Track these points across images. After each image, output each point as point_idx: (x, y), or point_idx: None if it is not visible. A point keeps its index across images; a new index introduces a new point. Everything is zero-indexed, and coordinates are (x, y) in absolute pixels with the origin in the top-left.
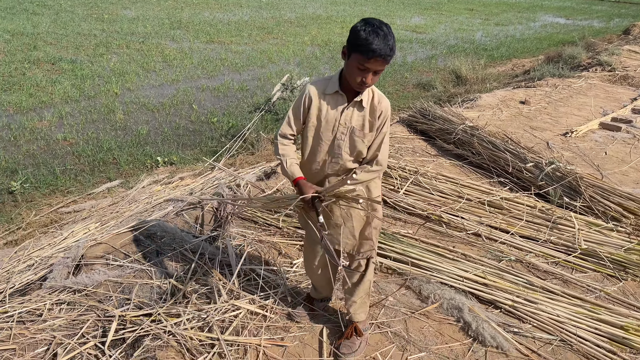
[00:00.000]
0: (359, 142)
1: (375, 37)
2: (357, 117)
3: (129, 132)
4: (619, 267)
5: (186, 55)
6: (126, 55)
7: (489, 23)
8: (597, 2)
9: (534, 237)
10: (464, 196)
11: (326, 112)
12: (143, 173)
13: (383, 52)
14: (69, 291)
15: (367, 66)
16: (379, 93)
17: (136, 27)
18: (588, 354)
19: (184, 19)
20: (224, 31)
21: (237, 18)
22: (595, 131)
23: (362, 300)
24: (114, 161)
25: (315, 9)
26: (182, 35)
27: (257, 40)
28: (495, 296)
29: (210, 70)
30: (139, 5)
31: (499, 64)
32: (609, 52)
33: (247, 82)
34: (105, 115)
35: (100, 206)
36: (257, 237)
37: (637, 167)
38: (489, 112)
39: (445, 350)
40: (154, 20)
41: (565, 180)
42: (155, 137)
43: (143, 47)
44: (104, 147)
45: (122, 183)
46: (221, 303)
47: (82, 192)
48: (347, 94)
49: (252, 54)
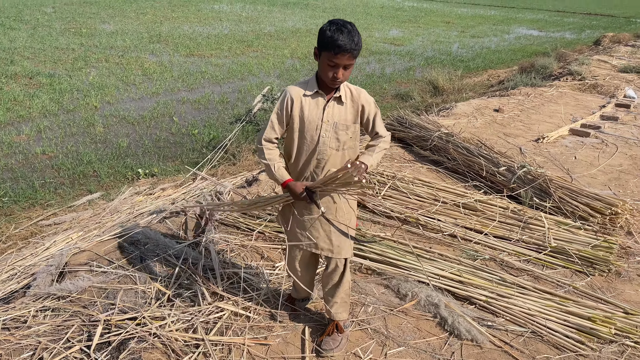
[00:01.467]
0: (342, 134)
1: (340, 34)
2: (339, 111)
3: (109, 145)
4: (587, 263)
5: (166, 68)
6: (105, 69)
7: (465, 35)
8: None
9: (506, 237)
10: (440, 199)
11: (308, 112)
12: (124, 185)
13: (348, 47)
14: (53, 298)
15: (335, 62)
16: (355, 87)
17: (115, 41)
18: (557, 344)
19: (164, 32)
20: (204, 44)
21: (217, 31)
22: (566, 137)
23: (342, 300)
24: (94, 174)
25: (295, 22)
26: (162, 48)
27: (237, 53)
28: (470, 292)
29: (190, 83)
30: (118, 20)
31: (475, 74)
32: (579, 62)
33: (228, 94)
34: (85, 128)
35: (81, 218)
36: (240, 241)
37: (605, 170)
38: (464, 120)
39: (423, 345)
40: (133, 34)
41: (536, 182)
42: (135, 150)
43: (122, 61)
44: (84, 160)
45: (103, 195)
46: (205, 305)
47: (62, 205)
48: (325, 93)
49: (233, 67)
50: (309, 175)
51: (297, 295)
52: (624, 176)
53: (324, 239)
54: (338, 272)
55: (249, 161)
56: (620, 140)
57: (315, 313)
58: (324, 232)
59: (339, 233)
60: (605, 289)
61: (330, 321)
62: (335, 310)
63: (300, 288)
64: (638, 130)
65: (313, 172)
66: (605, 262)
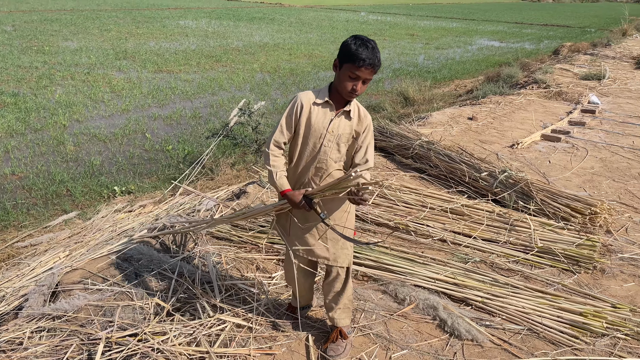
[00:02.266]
0: (343, 147)
1: (364, 48)
2: (345, 125)
3: (82, 164)
4: (573, 261)
5: (135, 85)
6: (71, 86)
7: (430, 47)
8: (527, 25)
9: (494, 239)
10: (428, 205)
11: (315, 119)
12: (100, 203)
13: (372, 61)
14: (48, 318)
15: (357, 74)
16: (363, 108)
17: (80, 58)
18: (554, 340)
19: (129, 49)
20: (171, 60)
21: (184, 47)
22: (538, 142)
23: (345, 306)
24: (68, 193)
25: (262, 37)
26: (129, 65)
27: (206, 69)
28: (466, 294)
29: (160, 99)
30: (81, 37)
31: (442, 85)
32: (543, 71)
33: (200, 109)
34: (55, 147)
35: (59, 238)
36: (234, 254)
37: (579, 173)
38: (440, 129)
39: (426, 347)
40: (97, 51)
41: (518, 186)
42: (109, 167)
43: (89, 78)
44: (56, 179)
45: (79, 214)
46: (206, 318)
47: (36, 225)
48: (335, 104)
49: (202, 82)
50: (307, 181)
51: (297, 303)
52: (596, 178)
53: (323, 247)
54: (340, 280)
55: (227, 175)
56: (590, 144)
57: (316, 320)
58: (322, 240)
59: (337, 241)
60: (592, 285)
61: (333, 328)
62: (339, 317)
63: (300, 296)
64: (605, 134)
65: (311, 179)
66: (590, 259)
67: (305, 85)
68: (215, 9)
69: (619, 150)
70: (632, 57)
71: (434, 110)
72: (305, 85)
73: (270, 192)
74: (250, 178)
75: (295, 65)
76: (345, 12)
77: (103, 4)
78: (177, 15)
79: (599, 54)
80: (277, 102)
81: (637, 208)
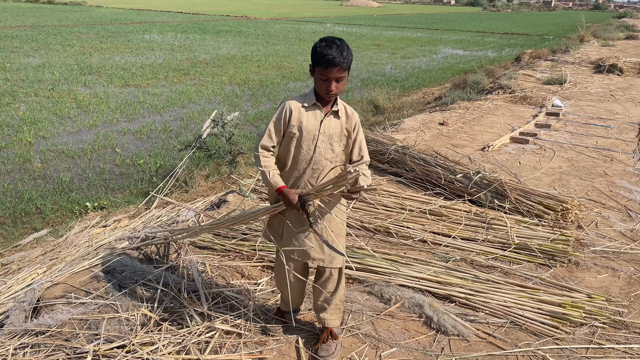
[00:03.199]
0: (337, 146)
1: (329, 49)
2: (335, 124)
3: (50, 181)
4: (548, 256)
5: (102, 100)
6: (36, 103)
7: (396, 57)
8: (488, 34)
9: (473, 238)
10: (407, 208)
11: (306, 122)
12: (72, 220)
13: (337, 60)
14: (32, 334)
15: (328, 75)
16: (349, 107)
17: (43, 74)
18: (536, 331)
19: (94, 64)
20: (138, 74)
21: (151, 61)
22: (508, 145)
23: (336, 307)
24: (37, 211)
25: (229, 49)
26: (95, 80)
27: (175, 82)
28: (449, 291)
29: (129, 114)
30: (43, 53)
31: (410, 93)
32: (507, 77)
33: (170, 122)
34: (21, 165)
35: (31, 257)
36: (218, 262)
37: (548, 172)
38: (413, 134)
39: (414, 344)
40: (61, 66)
41: (492, 186)
42: (80, 183)
43: (53, 94)
44: (25, 197)
45: (50, 232)
46: (195, 326)
47: (6, 245)
48: (323, 106)
49: (171, 95)
50: (303, 184)
51: (285, 307)
52: (565, 177)
53: (317, 249)
54: (333, 281)
55: (202, 187)
56: (556, 145)
57: (305, 323)
58: (316, 242)
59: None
60: (568, 278)
61: (324, 329)
62: (330, 317)
63: (291, 300)
64: (570, 135)
65: (307, 181)
66: (564, 253)
67: (275, 96)
68: (181, 23)
69: (583, 150)
70: (591, 62)
71: (404, 117)
72: (275, 96)
73: (251, 201)
74: (226, 189)
75: (264, 76)
76: (312, 24)
77: (64, 19)
78: (141, 29)
79: (559, 60)
80: (249, 114)
81: (605, 204)
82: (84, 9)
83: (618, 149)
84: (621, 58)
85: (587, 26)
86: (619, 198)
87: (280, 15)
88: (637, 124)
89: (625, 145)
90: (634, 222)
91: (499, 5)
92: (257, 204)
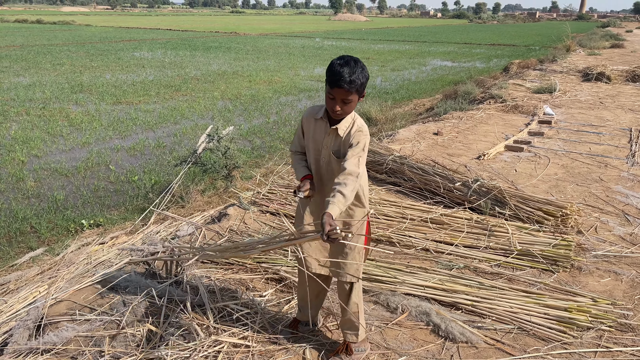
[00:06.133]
0: (334, 163)
1: (340, 68)
2: (335, 142)
3: (45, 199)
4: (551, 261)
5: (94, 117)
6: (27, 122)
7: (386, 69)
8: (475, 45)
9: (475, 245)
10: (407, 217)
11: (314, 133)
12: (68, 238)
13: (341, 83)
14: (36, 352)
15: (333, 94)
16: (360, 124)
17: (34, 93)
18: (543, 336)
19: (85, 82)
20: (130, 92)
21: (142, 78)
22: (503, 153)
23: (350, 322)
24: (32, 230)
25: (220, 65)
26: (86, 98)
27: (166, 98)
28: (455, 299)
29: (122, 131)
30: (33, 72)
31: (402, 104)
32: (498, 87)
33: (163, 138)
34: (14, 184)
35: (28, 276)
36: (222, 275)
37: (544, 179)
38: (408, 144)
39: (423, 352)
40: (52, 85)
41: (492, 193)
42: (74, 201)
43: (45, 113)
44: (19, 216)
45: (47, 250)
46: (202, 340)
47: (1, 265)
48: (329, 121)
49: (163, 112)
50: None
51: (302, 317)
52: (561, 183)
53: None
54: (342, 293)
55: (198, 202)
56: (551, 153)
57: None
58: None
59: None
60: (572, 282)
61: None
62: (344, 330)
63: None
64: (563, 142)
65: (318, 182)
66: (567, 258)
67: (267, 111)
68: (170, 40)
69: (577, 156)
70: (578, 70)
71: (398, 128)
72: (267, 111)
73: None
74: (223, 203)
75: (255, 91)
76: (301, 39)
77: (53, 38)
78: (131, 47)
79: (547, 69)
80: (242, 128)
81: (602, 209)
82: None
83: (611, 155)
84: (608, 66)
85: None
86: (616, 203)
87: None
88: (628, 130)
89: (618, 151)
90: (632, 226)
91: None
92: (258, 217)
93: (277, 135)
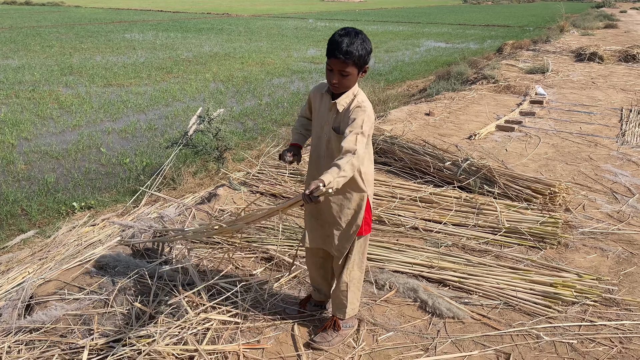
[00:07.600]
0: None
1: (337, 38)
2: (334, 117)
3: (35, 182)
4: (538, 238)
5: (84, 100)
6: (16, 104)
7: (379, 50)
8: (469, 27)
9: (464, 224)
10: (397, 196)
11: (319, 107)
12: (59, 220)
13: (337, 53)
14: (26, 331)
15: (331, 65)
16: (360, 100)
17: (23, 75)
18: (529, 311)
19: (75, 64)
20: (120, 74)
21: (133, 60)
22: (494, 133)
23: (338, 298)
24: (23, 212)
25: (212, 47)
26: (76, 80)
27: (158, 80)
28: (443, 275)
29: (113, 113)
30: (22, 54)
31: (395, 86)
32: (490, 67)
33: (155, 121)
34: (4, 167)
35: (19, 257)
36: (212, 254)
37: (534, 158)
38: (400, 125)
39: (410, 327)
40: (41, 67)
41: (481, 172)
42: (65, 184)
43: (35, 95)
44: (9, 199)
45: (38, 233)
46: (191, 317)
47: None
48: (333, 96)
49: (155, 94)
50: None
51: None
52: (551, 162)
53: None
54: (337, 271)
55: (190, 184)
56: (541, 132)
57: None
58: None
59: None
60: (558, 259)
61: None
62: (332, 304)
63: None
64: (554, 122)
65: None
66: (554, 235)
67: (260, 92)
68: (161, 22)
69: (568, 136)
70: (571, 50)
71: (390, 109)
72: (260, 92)
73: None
74: (215, 184)
75: (248, 73)
76: (294, 20)
77: (43, 20)
78: (121, 28)
79: (540, 50)
80: (234, 110)
81: (591, 187)
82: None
83: (602, 134)
84: (601, 46)
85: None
86: (605, 181)
87: (262, 12)
88: (619, 109)
89: (609, 131)
90: (619, 204)
91: None
92: (248, 197)
93: (269, 117)
